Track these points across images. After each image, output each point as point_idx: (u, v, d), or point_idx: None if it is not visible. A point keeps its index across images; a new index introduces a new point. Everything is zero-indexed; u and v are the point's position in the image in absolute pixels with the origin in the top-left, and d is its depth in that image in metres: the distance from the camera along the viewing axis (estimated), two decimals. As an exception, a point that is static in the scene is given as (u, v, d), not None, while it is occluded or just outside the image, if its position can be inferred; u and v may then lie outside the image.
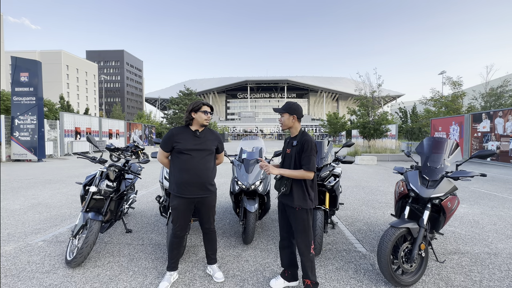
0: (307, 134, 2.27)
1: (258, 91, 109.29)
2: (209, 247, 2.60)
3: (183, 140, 2.38)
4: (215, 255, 2.64)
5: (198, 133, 2.43)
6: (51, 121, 16.02)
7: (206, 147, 2.43)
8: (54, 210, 4.80)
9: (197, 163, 2.37)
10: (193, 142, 2.39)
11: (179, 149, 2.36)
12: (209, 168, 2.43)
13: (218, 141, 2.55)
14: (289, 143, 2.33)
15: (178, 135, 2.39)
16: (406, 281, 2.41)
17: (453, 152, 2.92)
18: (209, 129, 2.56)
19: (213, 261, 2.62)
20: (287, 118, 2.29)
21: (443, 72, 31.74)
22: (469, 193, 6.32)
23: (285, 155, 2.34)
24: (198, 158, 2.38)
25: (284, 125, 2.34)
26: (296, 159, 2.21)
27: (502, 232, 3.84)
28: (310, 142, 2.17)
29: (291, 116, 2.28)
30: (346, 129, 35.78)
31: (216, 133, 2.61)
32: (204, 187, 2.40)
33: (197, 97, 38.97)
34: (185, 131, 2.43)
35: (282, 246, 2.43)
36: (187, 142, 2.38)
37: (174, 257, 2.48)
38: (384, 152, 15.24)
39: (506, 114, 11.97)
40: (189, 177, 2.34)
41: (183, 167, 2.35)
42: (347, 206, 5.21)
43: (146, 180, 7.83)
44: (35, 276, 2.57)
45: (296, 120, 2.29)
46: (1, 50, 48.55)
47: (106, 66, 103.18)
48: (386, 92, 66.41)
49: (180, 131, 2.42)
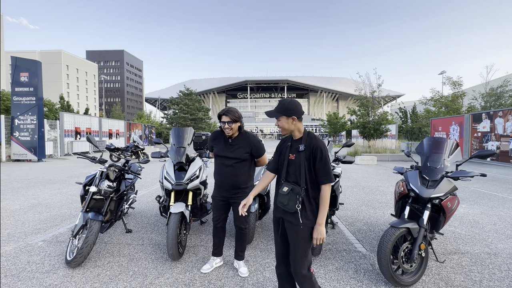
0: (316, 137, 1.86)
1: (258, 91, 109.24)
2: (238, 244, 2.70)
3: (217, 145, 2.60)
4: (243, 253, 2.73)
5: (230, 140, 2.53)
6: (51, 121, 16.02)
7: (235, 155, 2.51)
8: (54, 210, 4.80)
9: (226, 169, 2.53)
10: (226, 149, 2.53)
11: (215, 153, 2.62)
12: (238, 174, 2.53)
13: (251, 147, 2.54)
14: (292, 147, 1.89)
15: (214, 140, 2.63)
16: (406, 281, 2.41)
17: (453, 152, 2.92)
18: (245, 134, 2.57)
19: (240, 258, 2.72)
20: (285, 121, 1.86)
21: (443, 72, 31.76)
22: (469, 193, 6.32)
23: (289, 161, 1.88)
24: (227, 164, 2.53)
25: (284, 130, 1.90)
26: (307, 167, 1.80)
27: (502, 232, 3.84)
28: (323, 149, 1.79)
29: (290, 119, 1.85)
30: (346, 129, 35.78)
31: (252, 138, 2.56)
32: (234, 189, 2.55)
33: (197, 97, 38.90)
34: (221, 136, 2.60)
35: (281, 273, 1.99)
36: (220, 148, 2.57)
37: (216, 244, 2.72)
38: (384, 152, 15.24)
39: (506, 114, 11.97)
40: (223, 181, 2.56)
41: (219, 170, 2.60)
42: (347, 206, 5.21)
43: (146, 180, 7.83)
44: (35, 276, 2.57)
45: (296, 121, 1.86)
46: (1, 50, 48.55)
47: (106, 66, 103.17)
48: (386, 92, 66.47)
49: (217, 136, 2.62)
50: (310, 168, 1.80)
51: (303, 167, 1.80)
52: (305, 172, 1.80)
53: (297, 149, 1.85)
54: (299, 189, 1.76)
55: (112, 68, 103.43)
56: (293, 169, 1.84)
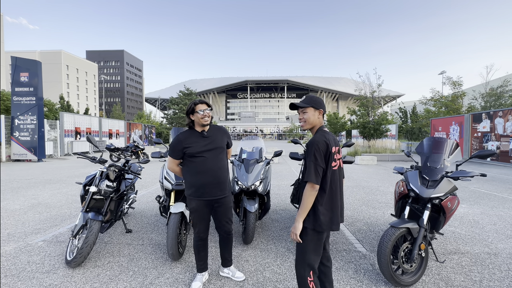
0: (319, 134, 1.77)
1: (258, 91, 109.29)
2: (226, 251, 2.56)
3: (193, 143, 2.31)
4: (231, 257, 2.62)
5: (205, 133, 2.36)
6: (51, 121, 16.02)
7: (216, 145, 2.36)
8: (54, 210, 4.80)
9: (212, 164, 2.32)
10: (203, 143, 2.32)
11: (191, 153, 2.29)
12: (223, 167, 2.39)
13: (227, 136, 2.50)
14: None
15: (186, 140, 2.31)
16: (406, 281, 2.41)
17: (453, 152, 2.92)
18: (215, 126, 2.49)
19: (230, 263, 2.61)
20: (312, 114, 1.79)
21: (443, 72, 31.77)
22: (469, 193, 6.32)
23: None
24: (211, 158, 2.32)
25: (308, 124, 1.81)
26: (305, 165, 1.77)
27: (502, 232, 3.84)
28: (312, 144, 1.70)
29: (317, 111, 1.79)
30: (346, 129, 35.78)
31: (223, 128, 2.54)
32: (222, 187, 2.37)
33: (197, 97, 38.95)
34: (192, 134, 2.35)
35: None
36: (197, 144, 2.31)
37: (202, 258, 2.46)
38: (384, 152, 15.24)
39: (506, 114, 11.97)
40: (207, 179, 2.30)
41: (199, 169, 2.29)
42: (347, 206, 5.21)
43: (146, 180, 7.83)
44: (35, 276, 2.57)
45: (321, 115, 1.82)
46: (1, 50, 48.55)
47: (106, 66, 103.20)
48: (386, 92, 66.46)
49: (187, 135, 2.34)
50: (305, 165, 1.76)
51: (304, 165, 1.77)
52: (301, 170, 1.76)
53: None
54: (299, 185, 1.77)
55: (112, 68, 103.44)
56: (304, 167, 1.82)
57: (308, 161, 1.69)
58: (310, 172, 1.67)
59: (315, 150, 1.68)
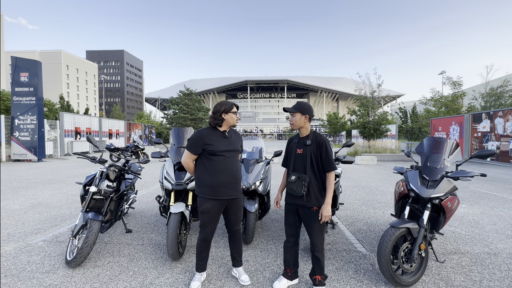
0: (320, 134, 2.29)
1: (258, 91, 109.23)
2: (235, 249, 2.57)
3: (215, 141, 2.33)
4: (240, 257, 2.59)
5: (226, 133, 2.41)
6: (51, 121, 16.02)
7: (235, 147, 2.43)
8: (54, 210, 4.80)
9: (231, 164, 2.37)
10: (224, 143, 2.36)
11: (212, 151, 2.29)
12: (239, 168, 2.46)
13: (241, 141, 2.60)
14: (300, 143, 2.32)
15: (209, 137, 2.32)
16: (406, 281, 2.41)
17: (453, 152, 2.92)
18: (232, 129, 2.54)
19: (239, 264, 2.58)
20: (299, 118, 2.28)
21: (443, 72, 31.77)
22: (469, 193, 6.32)
23: (296, 155, 2.31)
24: (230, 158, 2.38)
25: (295, 125, 2.32)
26: (313, 159, 2.22)
27: (502, 232, 3.84)
28: (327, 143, 2.24)
29: (303, 116, 2.28)
30: (346, 129, 35.79)
31: (238, 133, 2.62)
32: (237, 187, 2.42)
33: (197, 97, 38.91)
34: (214, 132, 2.38)
35: (288, 246, 2.43)
36: (219, 143, 2.33)
37: (203, 259, 2.48)
38: (384, 152, 15.24)
39: (506, 114, 11.97)
40: (226, 178, 2.32)
41: (218, 168, 2.31)
42: (347, 206, 5.21)
43: (146, 180, 7.83)
44: (35, 276, 2.57)
45: (307, 120, 2.30)
46: (1, 50, 48.55)
47: (106, 66, 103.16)
48: (386, 92, 66.48)
49: (210, 133, 2.36)
50: (315, 159, 2.23)
51: (309, 158, 2.22)
52: (310, 163, 2.21)
53: (305, 143, 2.27)
54: (305, 176, 2.21)
55: (112, 68, 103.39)
56: (300, 161, 2.28)
57: (330, 157, 2.21)
58: (333, 162, 2.22)
59: (330, 146, 2.24)
